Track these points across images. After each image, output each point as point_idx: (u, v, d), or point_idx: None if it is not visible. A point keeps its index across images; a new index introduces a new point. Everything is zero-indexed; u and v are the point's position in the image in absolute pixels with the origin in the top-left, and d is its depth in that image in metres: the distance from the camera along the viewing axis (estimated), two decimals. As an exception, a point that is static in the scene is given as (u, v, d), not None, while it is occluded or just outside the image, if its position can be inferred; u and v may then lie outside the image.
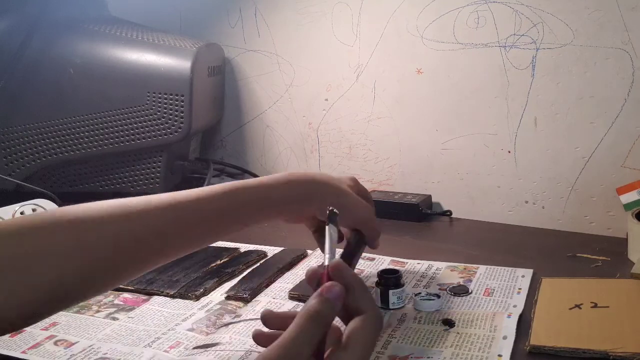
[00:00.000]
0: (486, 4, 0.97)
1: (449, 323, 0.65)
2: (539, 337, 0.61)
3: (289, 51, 1.19)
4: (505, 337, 0.62)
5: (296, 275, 0.81)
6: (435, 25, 1.03)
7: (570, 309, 0.67)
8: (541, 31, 0.94)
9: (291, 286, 0.76)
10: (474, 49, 1.00)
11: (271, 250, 0.90)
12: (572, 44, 0.92)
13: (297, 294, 0.74)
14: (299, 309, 0.70)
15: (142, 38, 1.05)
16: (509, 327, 0.63)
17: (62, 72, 1.01)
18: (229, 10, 1.24)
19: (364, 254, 0.87)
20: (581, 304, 0.67)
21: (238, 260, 0.86)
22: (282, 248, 0.90)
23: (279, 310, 0.60)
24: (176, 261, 0.85)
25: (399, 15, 1.06)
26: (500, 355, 0.59)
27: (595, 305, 0.67)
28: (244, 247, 0.92)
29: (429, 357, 0.59)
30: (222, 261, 0.86)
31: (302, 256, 0.87)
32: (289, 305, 0.72)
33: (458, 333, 0.63)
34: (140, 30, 1.07)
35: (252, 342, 0.63)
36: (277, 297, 0.75)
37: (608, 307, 0.66)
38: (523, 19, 0.95)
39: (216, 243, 0.93)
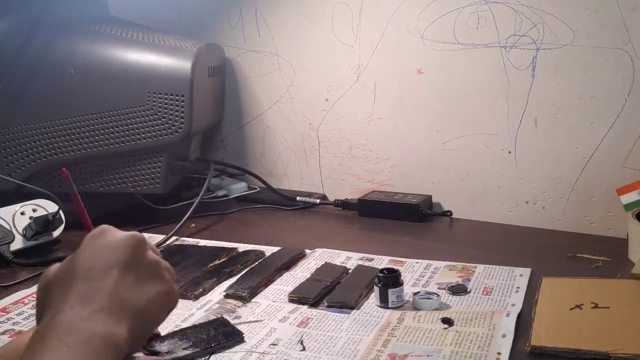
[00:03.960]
0: (486, 4, 0.97)
1: (448, 321, 0.65)
2: (540, 337, 0.61)
3: (289, 51, 1.19)
4: (504, 336, 0.62)
5: (295, 277, 0.81)
6: (436, 25, 1.02)
7: (571, 309, 0.66)
8: (541, 31, 0.94)
9: (290, 288, 0.76)
10: (474, 49, 1.00)
11: (269, 250, 0.90)
12: (572, 45, 0.92)
13: (296, 297, 0.74)
14: (298, 312, 0.70)
15: (142, 38, 1.04)
16: (508, 325, 0.64)
17: (63, 72, 1.00)
18: (229, 11, 1.24)
19: (361, 255, 0.87)
20: (582, 305, 0.67)
21: (236, 260, 0.86)
22: (279, 248, 0.90)
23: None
24: (175, 261, 0.86)
25: (399, 15, 1.06)
26: (499, 354, 0.59)
27: (596, 306, 0.67)
28: (242, 247, 0.92)
29: (428, 355, 0.59)
30: (220, 261, 0.86)
31: (300, 256, 0.87)
32: (288, 308, 0.72)
33: (457, 331, 0.63)
34: (141, 31, 1.07)
35: (251, 343, 0.64)
36: (276, 299, 0.74)
37: (609, 307, 0.66)
38: (523, 20, 0.95)
39: (214, 243, 0.94)
